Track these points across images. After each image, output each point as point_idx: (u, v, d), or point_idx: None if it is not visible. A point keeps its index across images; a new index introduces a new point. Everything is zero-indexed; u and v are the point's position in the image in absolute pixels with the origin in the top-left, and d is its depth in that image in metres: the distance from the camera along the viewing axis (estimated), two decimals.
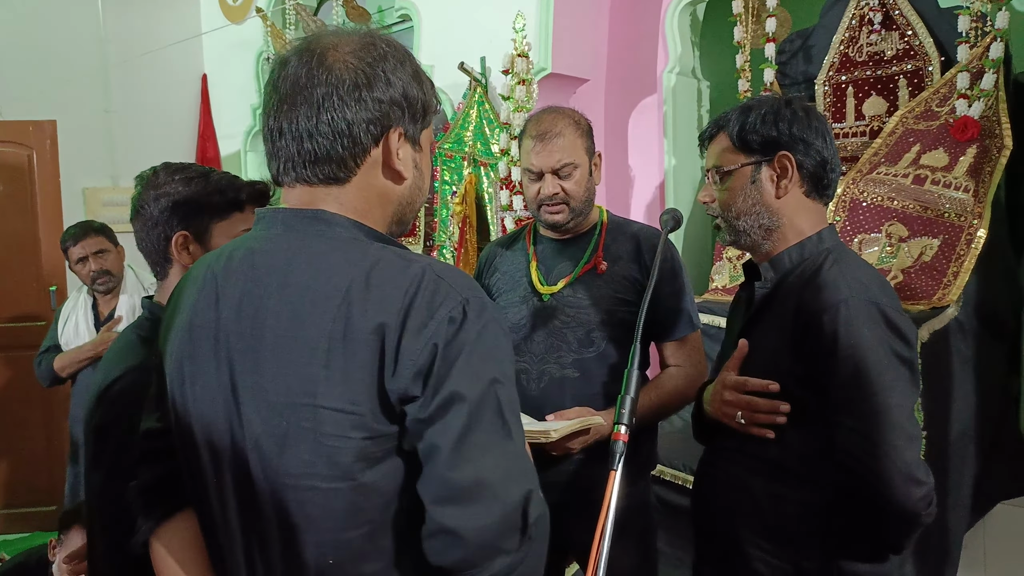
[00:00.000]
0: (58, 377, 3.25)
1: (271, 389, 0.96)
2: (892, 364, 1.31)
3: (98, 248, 3.21)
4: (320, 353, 0.92)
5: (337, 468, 0.93)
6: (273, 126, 1.00)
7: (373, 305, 0.92)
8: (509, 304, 1.96)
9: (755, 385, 1.44)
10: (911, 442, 1.29)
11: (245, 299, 0.99)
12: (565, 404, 1.84)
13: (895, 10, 3.23)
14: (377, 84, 0.99)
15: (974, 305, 2.65)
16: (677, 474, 2.99)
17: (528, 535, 0.91)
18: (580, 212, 1.91)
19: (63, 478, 3.44)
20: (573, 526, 1.86)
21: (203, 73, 5.69)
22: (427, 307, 0.91)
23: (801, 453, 1.39)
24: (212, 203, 1.42)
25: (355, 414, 0.92)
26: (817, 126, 1.46)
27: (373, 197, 1.03)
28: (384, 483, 0.95)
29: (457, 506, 0.90)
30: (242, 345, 0.98)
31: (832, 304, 1.33)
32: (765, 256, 1.51)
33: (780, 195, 1.47)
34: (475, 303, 0.94)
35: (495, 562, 0.90)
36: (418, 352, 0.90)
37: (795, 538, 1.40)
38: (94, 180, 5.02)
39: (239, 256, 1.03)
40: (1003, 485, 2.72)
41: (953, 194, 2.80)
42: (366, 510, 0.95)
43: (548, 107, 1.98)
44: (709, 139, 1.56)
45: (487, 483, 0.90)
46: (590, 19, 3.95)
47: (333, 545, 0.95)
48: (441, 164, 4.08)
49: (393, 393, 0.91)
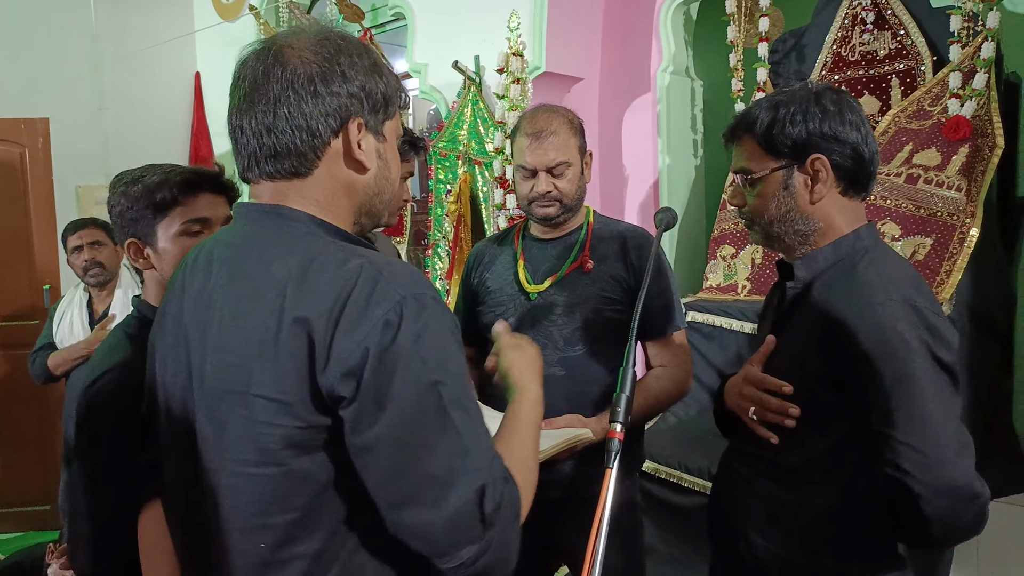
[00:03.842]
0: (52, 375, 3.25)
1: (213, 376, 1.00)
2: (935, 370, 1.23)
3: (94, 239, 3.22)
4: (254, 343, 0.95)
5: (267, 454, 0.96)
6: (236, 124, 1.03)
7: (305, 298, 0.93)
8: (497, 303, 1.97)
9: (771, 384, 1.39)
10: (965, 452, 1.22)
11: (201, 290, 1.05)
12: (552, 403, 1.81)
13: (887, 10, 3.24)
14: (333, 78, 1.01)
15: (967, 303, 2.67)
16: (672, 472, 3.00)
17: (489, 523, 0.93)
18: (571, 208, 1.92)
19: (57, 477, 3.42)
20: (561, 526, 1.86)
21: (196, 71, 5.67)
22: (361, 306, 0.92)
23: (822, 457, 1.35)
24: (148, 204, 1.43)
25: (284, 403, 0.94)
26: (851, 118, 1.36)
27: (337, 189, 1.05)
28: (315, 471, 0.96)
29: (405, 510, 0.93)
30: (196, 334, 1.04)
31: (868, 306, 1.26)
32: (800, 256, 1.43)
33: (815, 200, 1.38)
34: (413, 302, 0.93)
35: (460, 552, 0.93)
36: (348, 352, 0.91)
37: (811, 544, 1.36)
38: (87, 178, 4.99)
39: (207, 249, 1.08)
40: (996, 483, 2.71)
41: (945, 193, 2.82)
42: (297, 495, 0.96)
43: (542, 105, 1.99)
44: (734, 139, 1.47)
45: (430, 487, 0.92)
46: (584, 18, 3.95)
47: (261, 529, 0.98)
48: (436, 163, 4.08)
49: (324, 387, 0.93)
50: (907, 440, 1.21)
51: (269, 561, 0.98)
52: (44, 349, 3.30)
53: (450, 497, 0.91)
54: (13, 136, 4.40)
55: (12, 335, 4.34)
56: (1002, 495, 2.74)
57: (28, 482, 4.34)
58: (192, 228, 1.43)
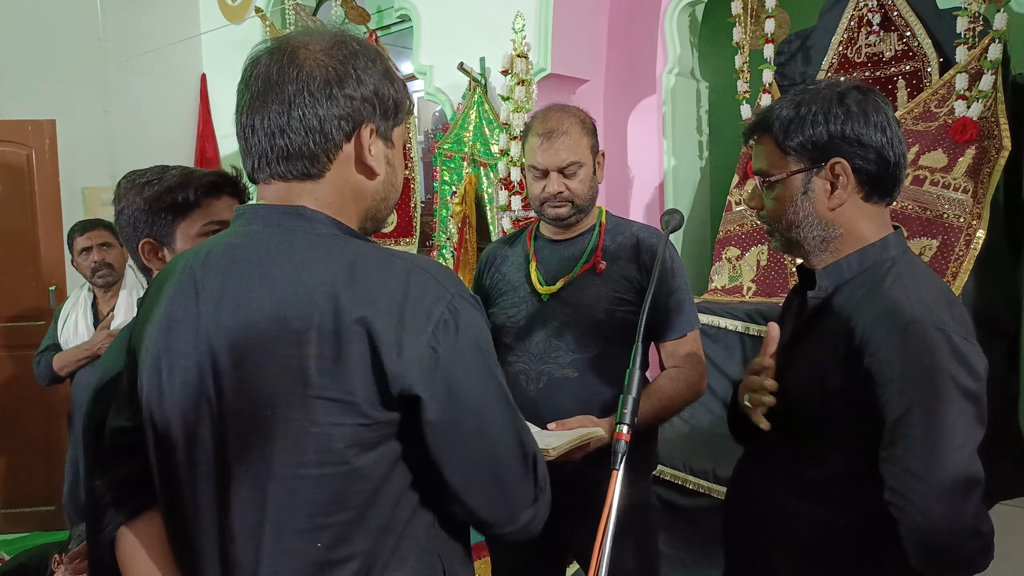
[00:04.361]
0: (57, 376, 3.26)
1: (256, 381, 0.97)
2: (955, 399, 1.17)
3: (103, 240, 3.23)
4: (310, 345, 0.94)
5: (330, 454, 0.95)
6: (246, 123, 1.02)
7: (360, 299, 0.94)
8: (509, 305, 1.96)
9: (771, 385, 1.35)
10: (970, 489, 1.16)
11: (226, 293, 1.00)
12: (564, 404, 1.83)
13: (894, 11, 3.23)
14: (348, 81, 1.01)
15: (973, 305, 2.66)
16: (677, 474, 3.00)
17: (540, 487, 1.05)
18: (583, 209, 1.91)
19: (62, 478, 3.43)
20: (574, 526, 1.85)
21: (202, 73, 5.69)
22: (421, 306, 0.95)
23: (840, 475, 1.31)
24: (167, 206, 1.41)
25: (349, 402, 0.94)
26: (876, 120, 1.28)
27: (347, 192, 1.05)
28: (377, 467, 0.98)
29: (481, 486, 1.02)
30: (223, 338, 0.98)
31: (893, 328, 1.21)
32: (822, 264, 1.37)
33: (834, 206, 1.31)
34: (461, 300, 0.99)
35: (521, 516, 1.04)
36: (417, 351, 0.94)
37: (826, 560, 1.33)
38: (93, 179, 5.01)
39: (218, 252, 1.04)
40: (1002, 485, 2.72)
41: (952, 195, 2.81)
42: (356, 493, 0.97)
43: (553, 104, 1.97)
44: (754, 138, 1.40)
45: (506, 462, 1.02)
46: (589, 20, 3.95)
47: (318, 530, 0.97)
48: (441, 164, 4.08)
49: (394, 386, 0.94)
50: (909, 466, 1.17)
51: (324, 561, 0.98)
52: (49, 350, 3.31)
53: (517, 469, 1.03)
54: (20, 138, 4.41)
55: (18, 336, 4.34)
56: (1007, 497, 2.73)
57: (33, 483, 4.34)
58: (212, 230, 1.42)
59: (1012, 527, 2.66)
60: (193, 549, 1.04)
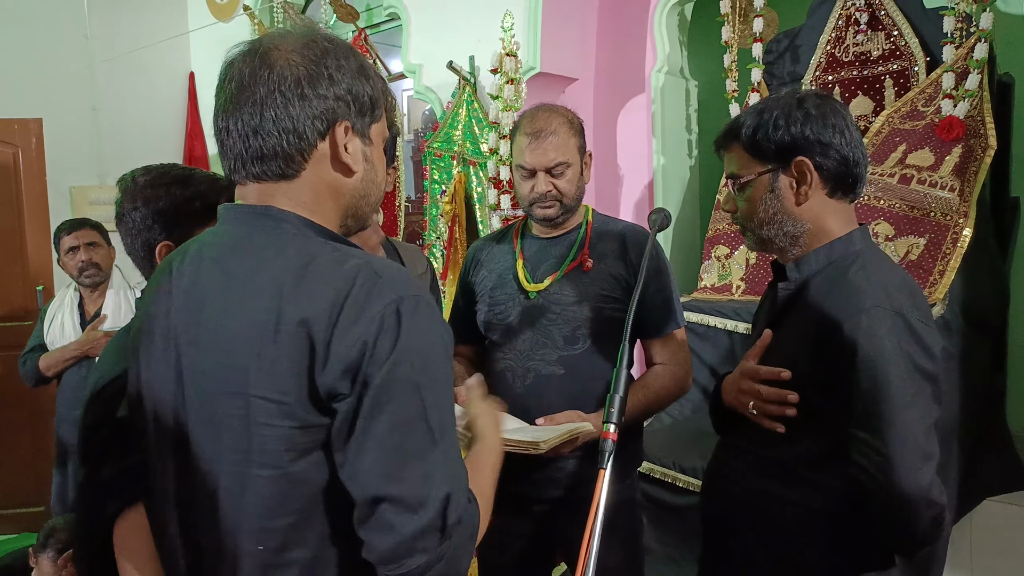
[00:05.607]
0: (43, 377, 3.23)
1: (208, 377, 0.99)
2: (913, 378, 1.26)
3: (90, 240, 3.22)
4: (252, 343, 0.95)
5: (266, 456, 0.96)
6: (221, 126, 1.03)
7: (304, 299, 0.94)
8: (496, 302, 1.96)
9: (767, 373, 1.42)
10: (926, 461, 1.25)
11: (192, 291, 1.03)
12: (551, 401, 1.84)
13: (881, 10, 3.25)
14: (320, 81, 1.01)
15: (960, 303, 2.67)
16: (666, 472, 3.00)
17: (447, 535, 0.94)
18: (571, 209, 1.92)
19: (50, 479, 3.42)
20: (561, 523, 1.86)
21: (190, 71, 5.66)
22: (360, 304, 0.93)
23: (812, 458, 1.38)
24: (193, 211, 1.40)
25: (283, 403, 0.94)
26: (834, 122, 1.39)
27: (324, 191, 1.05)
28: (312, 473, 0.97)
29: (378, 506, 0.93)
30: (187, 335, 1.02)
31: (854, 312, 1.29)
32: (793, 258, 1.47)
33: (800, 202, 1.42)
34: (409, 302, 0.95)
35: (411, 559, 0.92)
36: (347, 348, 0.92)
37: (800, 542, 1.39)
38: (81, 178, 4.98)
39: (193, 251, 1.07)
40: (989, 481, 2.74)
41: (939, 193, 2.83)
42: (293, 499, 0.97)
43: (542, 104, 1.98)
44: (724, 147, 1.52)
45: (403, 487, 0.92)
46: (578, 19, 3.95)
47: (260, 532, 0.98)
48: (430, 163, 4.07)
49: (322, 387, 0.93)
50: (871, 442, 1.26)
51: (270, 563, 0.98)
52: (35, 351, 3.28)
53: (417, 501, 0.92)
54: (6, 136, 4.39)
55: (5, 336, 4.32)
56: (994, 493, 2.75)
57: (21, 484, 4.33)
58: None
59: (998, 523, 2.69)
60: (164, 540, 1.09)
